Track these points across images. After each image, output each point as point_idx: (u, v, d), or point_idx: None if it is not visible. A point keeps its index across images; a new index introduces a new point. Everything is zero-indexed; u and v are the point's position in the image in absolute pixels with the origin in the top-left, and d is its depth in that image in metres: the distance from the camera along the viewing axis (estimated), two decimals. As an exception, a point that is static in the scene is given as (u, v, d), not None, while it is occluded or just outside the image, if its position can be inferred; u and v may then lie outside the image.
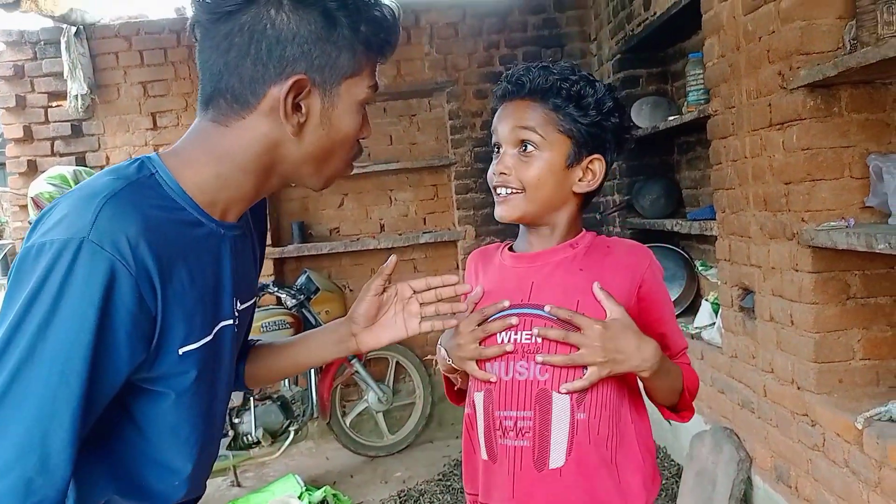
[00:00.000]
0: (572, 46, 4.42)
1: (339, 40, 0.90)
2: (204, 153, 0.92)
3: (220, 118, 0.92)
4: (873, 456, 1.86)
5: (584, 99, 1.16)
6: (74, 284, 0.78)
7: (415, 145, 4.59)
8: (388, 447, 4.12)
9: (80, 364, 0.78)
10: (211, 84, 0.92)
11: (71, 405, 0.78)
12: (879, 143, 2.05)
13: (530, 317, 1.17)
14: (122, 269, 0.79)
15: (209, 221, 0.93)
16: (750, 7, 2.28)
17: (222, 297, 0.97)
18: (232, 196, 0.94)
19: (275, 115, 0.90)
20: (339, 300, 4.00)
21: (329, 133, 0.94)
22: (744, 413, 2.62)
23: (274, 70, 0.88)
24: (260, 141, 0.92)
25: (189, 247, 0.89)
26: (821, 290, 2.10)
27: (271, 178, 0.96)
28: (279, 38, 0.88)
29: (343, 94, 0.93)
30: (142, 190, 0.86)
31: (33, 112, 4.26)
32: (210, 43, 0.90)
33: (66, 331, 0.77)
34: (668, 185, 3.61)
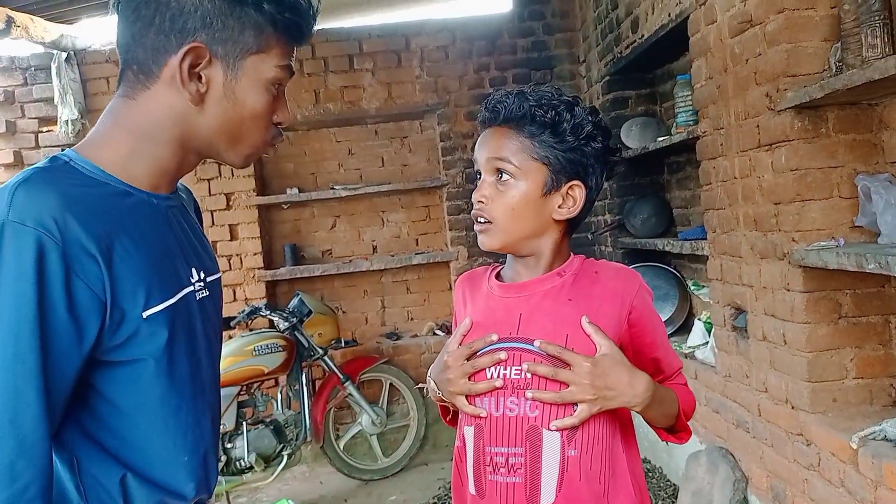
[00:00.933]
0: (561, 69, 4.46)
1: (242, 16, 0.92)
2: (117, 130, 0.95)
3: (128, 91, 0.95)
4: (869, 476, 1.86)
5: (560, 125, 1.14)
6: (6, 265, 0.79)
7: (406, 167, 4.60)
8: (383, 470, 4.08)
9: (30, 340, 0.79)
10: (122, 58, 0.95)
11: (33, 382, 0.80)
12: (867, 163, 2.07)
13: (519, 351, 1.15)
14: (48, 241, 0.80)
15: (137, 192, 0.94)
16: (736, 30, 2.31)
17: (175, 263, 0.98)
18: (153, 168, 0.96)
19: (175, 84, 0.92)
20: (332, 322, 3.99)
21: (234, 107, 0.95)
22: (739, 433, 2.62)
23: (175, 40, 0.91)
24: (165, 111, 0.94)
25: (123, 215, 0.90)
26: (813, 310, 2.11)
27: (188, 151, 0.98)
28: (182, 10, 0.90)
29: (248, 69, 0.94)
30: (55, 173, 0.88)
31: (24, 137, 4.26)
32: (123, 16, 0.94)
33: (8, 312, 0.79)
34: (658, 204, 3.63)
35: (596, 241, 4.24)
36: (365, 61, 4.37)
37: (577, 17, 4.43)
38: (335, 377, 3.87)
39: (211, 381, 1.05)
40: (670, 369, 1.26)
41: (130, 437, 0.93)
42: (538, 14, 4.45)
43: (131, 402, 0.92)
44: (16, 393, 0.79)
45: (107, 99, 4.18)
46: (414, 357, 4.42)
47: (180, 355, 0.96)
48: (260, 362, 3.58)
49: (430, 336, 4.52)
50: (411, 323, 4.67)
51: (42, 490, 0.81)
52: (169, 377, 0.94)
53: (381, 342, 4.47)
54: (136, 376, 0.92)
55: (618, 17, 3.61)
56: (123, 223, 0.90)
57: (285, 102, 1.02)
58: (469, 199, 4.33)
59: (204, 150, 1.00)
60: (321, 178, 4.57)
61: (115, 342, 0.89)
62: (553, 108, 1.15)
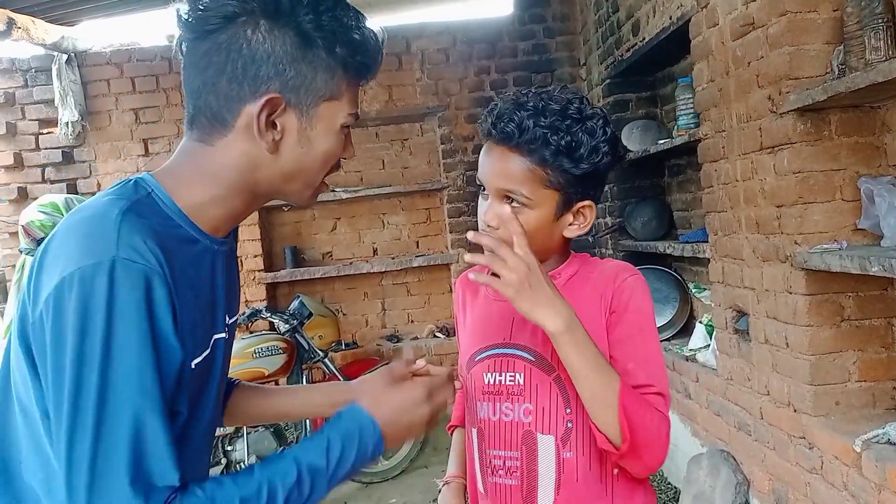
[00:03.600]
0: (562, 71, 4.46)
1: (314, 61, 0.91)
2: (195, 172, 0.94)
3: (204, 137, 0.93)
4: (872, 479, 1.85)
5: (578, 150, 1.08)
6: (121, 302, 0.79)
7: (407, 169, 4.60)
8: (383, 473, 4.07)
9: (152, 373, 0.80)
10: (192, 102, 0.94)
11: (156, 408, 0.80)
12: (869, 165, 2.07)
13: (512, 357, 1.16)
14: (156, 276, 0.81)
15: (203, 238, 0.94)
16: (738, 33, 2.31)
17: (217, 312, 0.98)
18: (223, 214, 0.96)
19: (251, 133, 0.91)
20: (332, 325, 3.98)
21: (309, 152, 0.95)
22: (740, 436, 2.62)
23: (249, 88, 0.89)
24: (241, 159, 0.93)
25: (188, 262, 0.90)
26: (815, 313, 2.11)
27: (258, 196, 0.98)
28: (254, 58, 0.89)
29: (322, 115, 0.94)
30: (144, 207, 0.88)
31: (24, 139, 4.25)
32: (191, 61, 0.92)
33: (130, 348, 0.79)
34: (659, 207, 3.63)
35: (596, 244, 4.23)
36: (366, 64, 4.36)
37: (578, 21, 4.43)
38: (335, 379, 3.87)
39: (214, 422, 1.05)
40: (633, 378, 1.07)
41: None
42: (539, 17, 4.45)
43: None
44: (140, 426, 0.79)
45: (107, 101, 4.22)
46: (414, 360, 4.41)
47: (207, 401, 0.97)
48: (260, 365, 3.57)
49: (431, 338, 4.51)
50: (412, 325, 4.66)
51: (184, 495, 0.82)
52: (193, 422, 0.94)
53: (381, 344, 4.47)
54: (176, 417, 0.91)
55: (618, 20, 3.62)
56: (186, 270, 0.89)
57: (350, 139, 1.01)
58: (469, 202, 4.38)
59: (273, 194, 0.99)
60: (322, 180, 4.56)
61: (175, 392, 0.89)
62: (568, 131, 1.07)
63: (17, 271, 3.33)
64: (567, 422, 1.13)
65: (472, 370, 1.22)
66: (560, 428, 1.13)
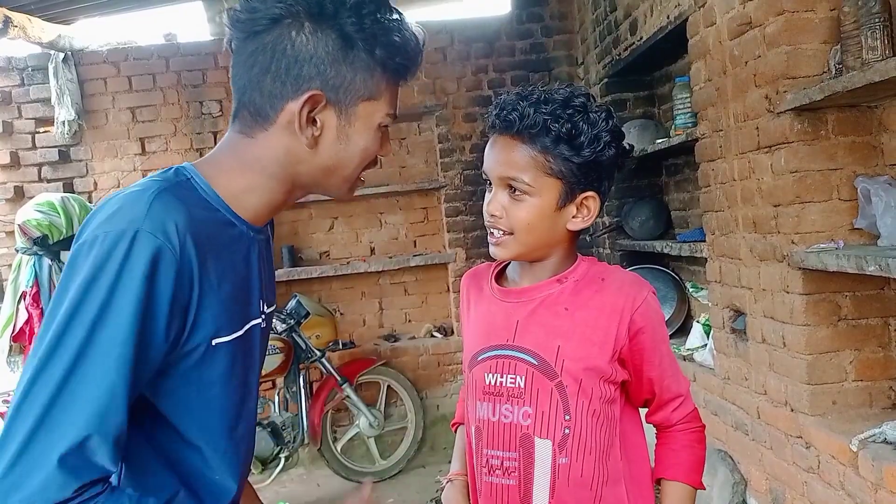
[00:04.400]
0: (559, 70, 4.46)
1: (355, 62, 0.94)
2: (235, 161, 0.98)
3: (246, 130, 0.98)
4: (869, 478, 1.85)
5: (578, 138, 1.09)
6: (131, 270, 0.82)
7: (404, 168, 4.60)
8: (380, 473, 4.08)
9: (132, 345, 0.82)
10: (237, 98, 0.98)
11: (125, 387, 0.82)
12: (866, 165, 2.07)
13: (514, 360, 1.16)
14: (167, 253, 0.84)
15: (241, 224, 0.98)
16: (736, 32, 2.31)
17: (251, 297, 1.02)
18: (261, 202, 1.00)
19: (292, 128, 0.95)
20: (329, 324, 3.98)
21: (347, 149, 0.98)
22: (737, 435, 2.62)
23: (291, 87, 0.93)
24: (281, 152, 0.97)
25: (223, 245, 0.94)
26: (812, 312, 2.11)
27: (297, 187, 1.02)
28: (297, 58, 0.93)
29: (360, 114, 0.97)
30: (183, 190, 0.92)
31: (20, 138, 4.24)
32: (239, 59, 0.96)
33: (124, 314, 0.81)
34: (656, 206, 3.63)
35: (594, 244, 4.23)
36: (363, 63, 4.36)
37: (576, 20, 4.43)
38: (333, 379, 3.86)
39: (255, 405, 1.08)
40: (668, 393, 1.22)
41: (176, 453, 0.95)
42: (537, 16, 4.45)
43: (184, 421, 0.94)
44: (112, 393, 0.81)
45: (104, 100, 4.21)
46: (412, 359, 4.41)
47: (237, 384, 0.99)
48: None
49: (428, 338, 4.51)
50: (409, 325, 4.66)
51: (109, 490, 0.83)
52: (220, 403, 0.97)
53: (378, 344, 4.46)
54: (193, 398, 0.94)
55: (616, 20, 3.62)
56: (221, 252, 0.93)
57: (388, 137, 1.05)
58: (467, 201, 4.38)
59: (312, 187, 1.03)
60: (319, 179, 4.55)
61: (184, 364, 0.91)
62: (569, 119, 1.09)
63: (14, 270, 3.32)
64: (565, 428, 1.14)
65: (473, 369, 1.22)
66: (558, 433, 1.15)
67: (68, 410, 0.79)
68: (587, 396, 1.14)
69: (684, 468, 1.23)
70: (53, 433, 0.78)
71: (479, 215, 4.40)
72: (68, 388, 0.79)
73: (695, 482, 1.23)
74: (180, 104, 4.28)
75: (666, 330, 1.22)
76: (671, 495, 1.22)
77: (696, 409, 1.27)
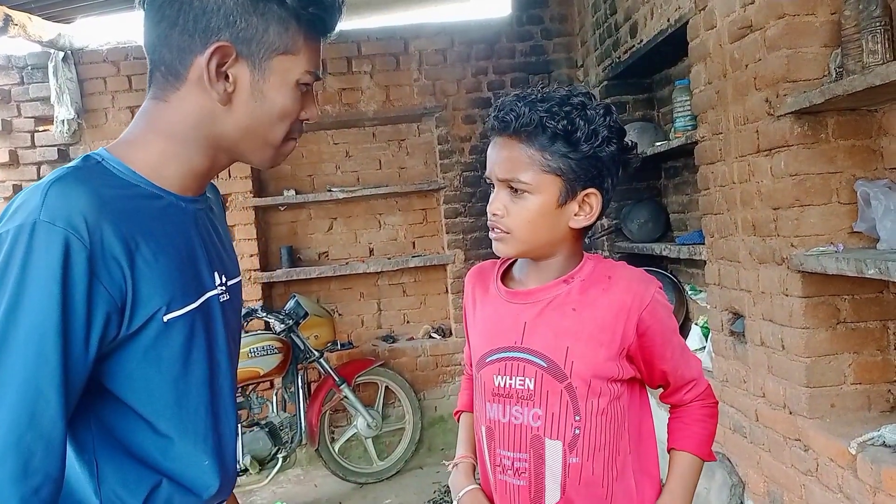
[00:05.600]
0: (559, 73, 4.46)
1: (266, 12, 0.91)
2: (149, 132, 0.95)
3: (159, 93, 0.94)
4: (867, 482, 1.86)
5: (574, 134, 1.10)
6: (34, 265, 0.79)
7: (404, 170, 4.60)
8: (378, 473, 4.07)
9: (54, 339, 0.79)
10: (149, 57, 0.95)
11: (54, 381, 0.80)
12: (866, 168, 2.08)
13: (523, 362, 1.17)
14: (75, 242, 0.80)
15: (168, 195, 0.94)
16: (736, 35, 2.31)
17: (200, 267, 0.98)
18: (184, 170, 0.96)
19: (203, 84, 0.92)
20: (328, 325, 3.98)
21: (262, 106, 0.94)
22: (736, 438, 2.62)
23: (200, 40, 0.90)
24: (195, 112, 0.93)
25: (151, 218, 0.90)
26: (811, 315, 2.11)
27: (218, 151, 0.98)
28: (205, 9, 0.90)
29: (276, 69, 0.93)
30: (89, 173, 0.88)
31: (19, 136, 4.24)
32: (148, 16, 0.93)
33: (35, 310, 0.79)
34: (655, 209, 3.63)
35: (593, 246, 4.24)
36: (363, 64, 4.37)
37: (576, 22, 4.44)
38: (331, 380, 3.86)
39: (230, 384, 1.05)
40: (681, 381, 1.25)
41: (149, 442, 0.93)
42: (537, 18, 4.46)
43: (149, 406, 0.92)
44: (37, 392, 0.78)
45: (103, 99, 4.21)
46: (410, 360, 4.41)
47: (199, 358, 0.96)
48: (255, 364, 3.57)
49: (427, 339, 4.51)
50: (407, 326, 4.66)
51: (53, 492, 0.81)
52: (185, 380, 0.94)
53: (377, 345, 4.46)
54: (155, 379, 0.91)
55: (616, 23, 3.62)
56: (151, 226, 0.90)
57: (313, 99, 1.01)
58: (466, 203, 4.38)
59: (232, 150, 0.99)
60: (318, 180, 4.56)
61: (137, 345, 0.89)
62: (566, 116, 1.10)
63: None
64: (575, 428, 1.15)
65: (482, 371, 1.23)
66: (568, 434, 1.16)
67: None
68: (596, 396, 1.15)
69: (694, 440, 1.26)
70: None
71: (478, 217, 4.41)
72: None
73: (703, 454, 1.26)
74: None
75: (675, 321, 1.23)
76: (679, 464, 1.25)
77: (710, 385, 1.30)
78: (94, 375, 0.87)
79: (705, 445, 1.27)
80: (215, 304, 1.00)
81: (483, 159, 1.21)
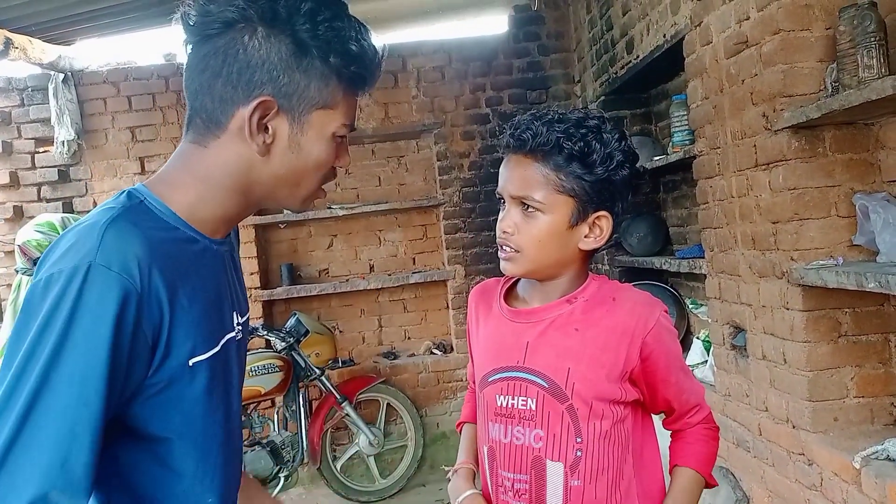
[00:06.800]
0: (557, 88, 4.49)
1: (308, 69, 0.93)
2: (187, 175, 0.96)
3: (198, 138, 0.96)
4: (872, 496, 1.85)
5: (590, 156, 1.11)
6: (86, 307, 0.79)
7: (403, 186, 4.61)
8: (380, 492, 4.05)
9: (99, 384, 0.79)
10: (190, 103, 0.96)
11: (90, 426, 0.79)
12: (864, 182, 2.08)
13: (525, 382, 1.16)
14: (129, 287, 0.81)
15: (203, 238, 0.96)
16: (732, 51, 2.33)
17: (224, 310, 1.00)
18: (218, 214, 0.98)
19: (243, 135, 0.93)
20: (329, 342, 3.97)
21: (299, 157, 0.96)
22: (739, 452, 2.61)
23: (242, 92, 0.92)
24: (234, 160, 0.95)
25: (190, 262, 0.92)
26: (812, 329, 2.11)
27: (251, 197, 0.99)
28: (249, 63, 0.91)
29: (314, 122, 0.95)
30: (137, 214, 0.89)
31: (20, 158, 4.25)
32: (192, 64, 0.95)
33: (81, 354, 0.79)
34: (654, 223, 3.64)
35: (592, 260, 4.23)
36: (362, 81, 4.38)
37: (572, 38, 4.47)
38: (332, 397, 3.85)
39: (238, 420, 1.06)
40: (685, 406, 1.24)
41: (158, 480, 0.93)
42: (533, 35, 4.49)
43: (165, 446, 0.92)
44: (72, 437, 0.78)
45: (103, 119, 4.23)
46: (411, 376, 4.40)
47: (219, 401, 0.97)
48: (257, 383, 3.56)
49: (428, 355, 4.50)
50: (408, 342, 4.65)
51: None
52: (204, 421, 0.95)
53: (378, 362, 4.45)
54: (175, 420, 0.92)
55: (613, 38, 3.65)
56: (188, 271, 0.92)
57: (346, 148, 1.03)
58: (466, 218, 4.39)
59: (266, 197, 1.00)
60: (318, 197, 4.56)
61: (159, 385, 0.89)
62: (582, 138, 1.11)
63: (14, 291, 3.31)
64: (577, 450, 1.14)
65: (484, 390, 1.23)
66: (570, 456, 1.15)
67: (22, 466, 0.76)
68: (598, 418, 1.14)
69: (695, 458, 1.25)
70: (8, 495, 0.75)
71: (477, 232, 4.42)
72: (22, 439, 0.76)
73: (705, 472, 1.26)
74: (180, 124, 4.28)
75: (679, 347, 1.23)
76: (681, 479, 1.24)
77: (711, 412, 1.30)
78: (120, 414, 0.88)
79: (708, 465, 1.26)
80: (233, 346, 1.02)
81: (482, 175, 1.23)
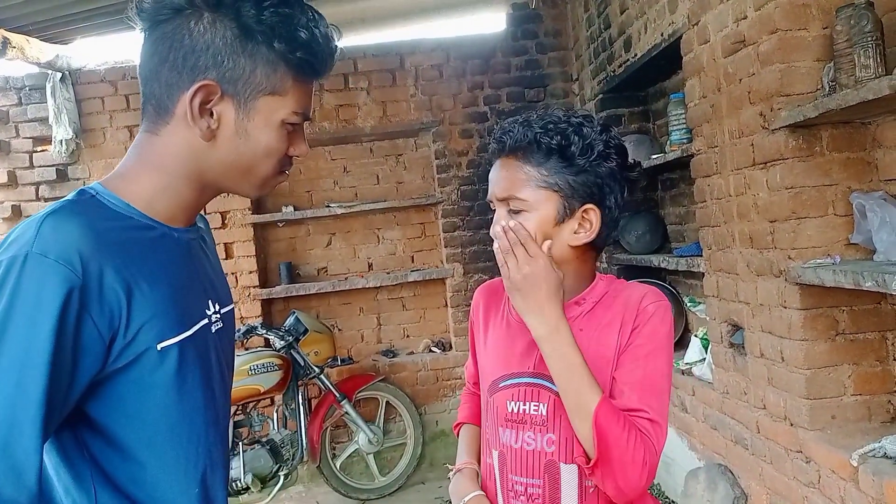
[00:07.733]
0: (555, 87, 4.49)
1: (254, 54, 0.93)
2: (140, 165, 0.97)
3: (150, 126, 0.97)
4: (869, 493, 1.86)
5: (568, 148, 1.11)
6: (23, 296, 0.80)
7: (401, 184, 4.61)
8: (380, 489, 4.06)
9: (36, 371, 0.79)
10: (142, 90, 0.97)
11: (31, 413, 0.79)
12: (861, 181, 2.09)
13: (537, 387, 1.16)
14: (68, 275, 0.81)
15: (160, 225, 0.96)
16: (730, 50, 2.34)
17: (193, 296, 1.00)
18: (173, 202, 0.98)
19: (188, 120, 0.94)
20: (328, 341, 3.97)
21: (246, 144, 0.96)
22: (737, 449, 2.62)
23: (187, 77, 0.92)
24: (183, 147, 0.96)
25: (145, 248, 0.92)
26: (810, 327, 2.12)
27: (204, 184, 1.00)
28: (194, 48, 0.92)
29: (261, 108, 0.95)
30: (83, 207, 0.90)
31: (18, 157, 4.25)
32: (144, 50, 0.96)
33: (18, 341, 0.79)
34: (652, 221, 3.65)
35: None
36: (360, 80, 4.39)
37: (570, 37, 4.47)
38: (331, 396, 3.86)
39: (224, 412, 1.05)
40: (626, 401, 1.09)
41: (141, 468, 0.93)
42: (531, 33, 4.49)
43: (141, 433, 0.92)
44: (11, 422, 0.79)
45: (101, 118, 4.23)
46: (410, 374, 4.41)
47: (194, 386, 0.96)
48: (256, 382, 3.56)
49: (427, 353, 4.51)
50: (407, 340, 4.66)
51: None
52: (180, 408, 0.95)
53: (377, 360, 4.46)
54: (148, 406, 0.92)
55: (610, 37, 3.65)
56: (145, 257, 0.91)
57: (302, 136, 1.02)
58: (464, 216, 4.39)
59: (217, 183, 1.01)
60: (316, 196, 4.57)
61: (131, 374, 0.89)
62: (560, 133, 1.12)
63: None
64: None
65: (494, 396, 1.22)
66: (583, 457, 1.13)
67: None
68: None
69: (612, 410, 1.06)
70: None
71: (476, 230, 4.42)
72: None
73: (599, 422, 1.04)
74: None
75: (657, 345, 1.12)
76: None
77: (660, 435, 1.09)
78: (83, 405, 0.88)
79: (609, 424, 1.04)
80: (208, 333, 1.02)
81: (480, 172, 1.22)
